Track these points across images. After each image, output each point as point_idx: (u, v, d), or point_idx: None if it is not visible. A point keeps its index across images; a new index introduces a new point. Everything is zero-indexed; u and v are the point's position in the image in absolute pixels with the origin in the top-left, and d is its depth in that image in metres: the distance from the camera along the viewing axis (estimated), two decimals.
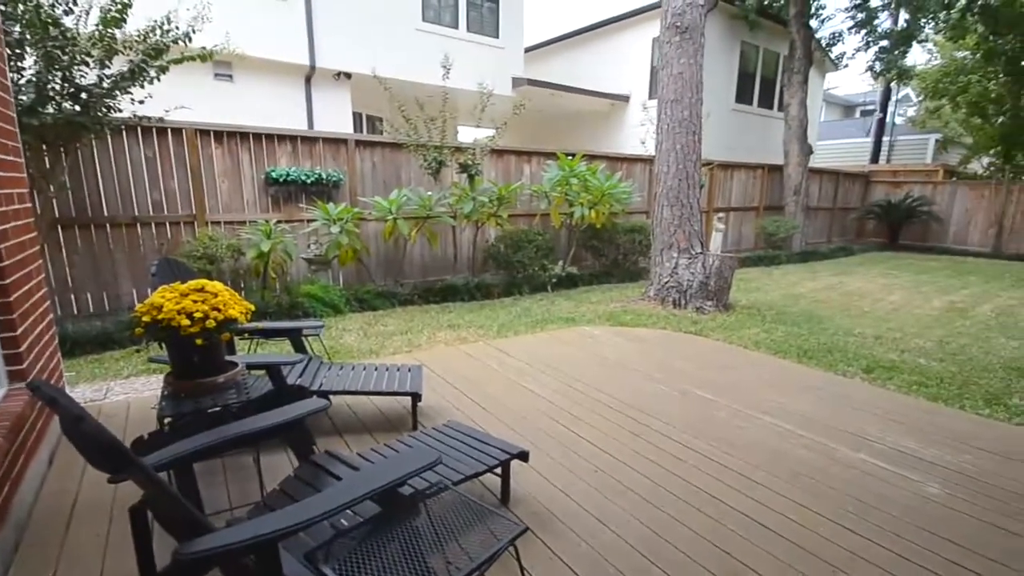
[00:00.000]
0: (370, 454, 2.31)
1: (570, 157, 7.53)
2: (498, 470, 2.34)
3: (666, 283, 6.41)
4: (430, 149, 6.80)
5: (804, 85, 11.58)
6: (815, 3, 11.68)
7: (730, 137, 12.73)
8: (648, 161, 8.76)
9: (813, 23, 11.74)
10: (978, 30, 13.75)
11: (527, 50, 15.20)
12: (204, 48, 5.32)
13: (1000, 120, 16.73)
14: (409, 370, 3.47)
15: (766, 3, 11.85)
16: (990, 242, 13.28)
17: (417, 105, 6.85)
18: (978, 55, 15.02)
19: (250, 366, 2.79)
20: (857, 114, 27.65)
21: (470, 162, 6.99)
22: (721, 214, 10.46)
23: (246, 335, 3.81)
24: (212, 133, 5.79)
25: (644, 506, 2.41)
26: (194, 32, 5.20)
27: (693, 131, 6.30)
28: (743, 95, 13.30)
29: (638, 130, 10.36)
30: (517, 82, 11.03)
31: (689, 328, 5.55)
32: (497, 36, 11.04)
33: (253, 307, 2.40)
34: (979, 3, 11.91)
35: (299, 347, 3.49)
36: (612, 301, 6.85)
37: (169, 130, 5.50)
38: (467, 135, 7.64)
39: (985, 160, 16.02)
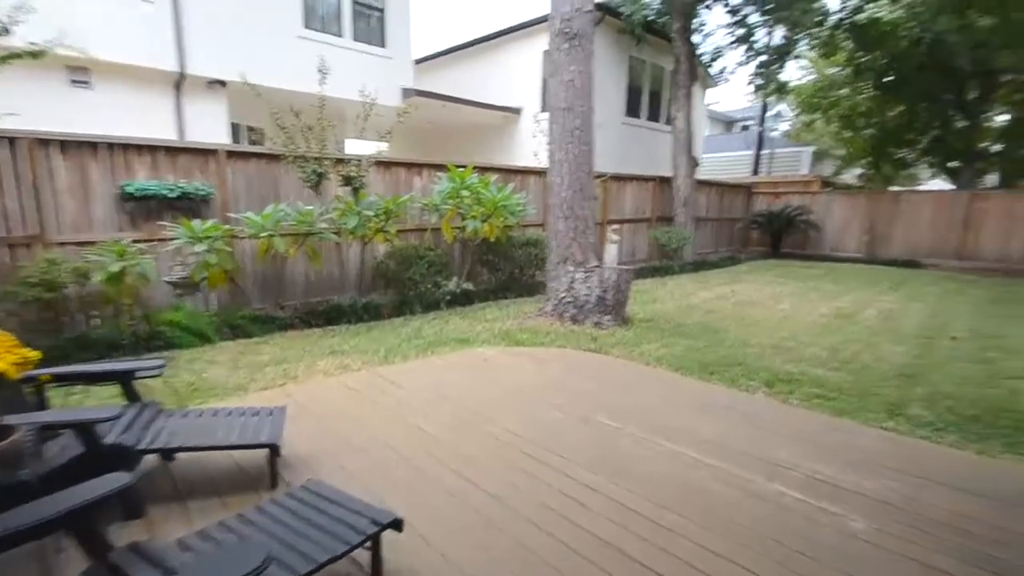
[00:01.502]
0: (194, 541, 1.72)
1: (461, 169, 7.00)
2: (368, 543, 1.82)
3: (563, 298, 6.00)
4: (309, 161, 6.03)
5: (689, 99, 11.98)
6: (697, 19, 12.17)
7: (621, 150, 12.93)
8: (542, 173, 8.45)
9: (696, 38, 12.24)
10: (847, 47, 15.19)
11: (419, 62, 14.69)
12: (34, 44, 4.37)
13: (869, 132, 18.58)
14: (270, 414, 2.81)
15: (650, 18, 12.18)
16: (864, 248, 14.48)
17: (293, 114, 6.03)
18: (848, 71, 16.61)
19: (48, 426, 2.21)
20: (737, 129, 29.89)
21: (354, 174, 6.25)
22: (615, 226, 10.37)
23: (63, 382, 2.84)
24: (55, 143, 4.92)
25: (543, 571, 1.94)
26: (12, 26, 4.20)
27: (586, 141, 6.01)
28: (632, 109, 13.61)
29: (531, 142, 10.12)
30: (407, 93, 10.43)
31: (588, 345, 5.15)
32: (384, 46, 10.39)
33: (37, 354, 2.08)
34: (848, 21, 13.06)
35: (131, 393, 2.73)
36: (509, 318, 6.34)
37: (6, 140, 4.65)
38: (360, 149, 6.94)
39: (857, 170, 17.56)
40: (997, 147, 16.85)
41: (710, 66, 14.08)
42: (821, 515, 2.30)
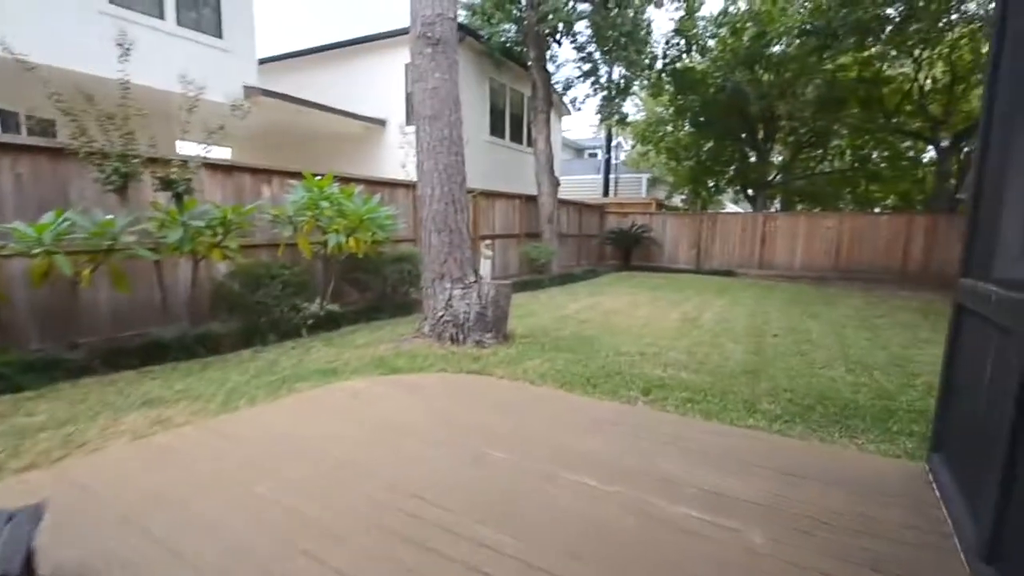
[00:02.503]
0: None
1: (319, 177, 6.32)
2: None
3: (441, 317, 5.70)
4: (110, 158, 4.86)
5: (548, 124, 12.66)
6: (549, 50, 12.92)
7: (488, 167, 13.17)
8: (412, 186, 8.09)
9: (550, 67, 12.97)
10: (670, 90, 17.43)
11: (272, 60, 13.38)
12: None
13: (689, 163, 21.47)
14: (10, 519, 1.81)
15: (508, 44, 12.67)
16: (693, 260, 16.59)
17: (84, 98, 4.85)
18: (671, 110, 19.17)
19: None
20: (586, 156, 32.80)
21: (176, 177, 5.22)
22: (488, 241, 10.49)
23: None
24: None
25: None
26: None
27: (456, 151, 5.82)
28: (496, 129, 14.00)
29: (398, 154, 9.72)
30: (250, 91, 9.29)
31: (471, 367, 4.90)
32: (220, 36, 9.15)
33: None
34: (670, 67, 14.90)
35: None
36: (382, 342, 5.83)
37: None
38: (202, 153, 5.83)
39: (682, 195, 20.25)
40: (779, 178, 20.72)
41: (564, 94, 15.06)
42: (725, 534, 2.31)
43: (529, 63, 12.54)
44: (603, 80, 13.63)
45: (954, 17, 13.30)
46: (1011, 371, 2.00)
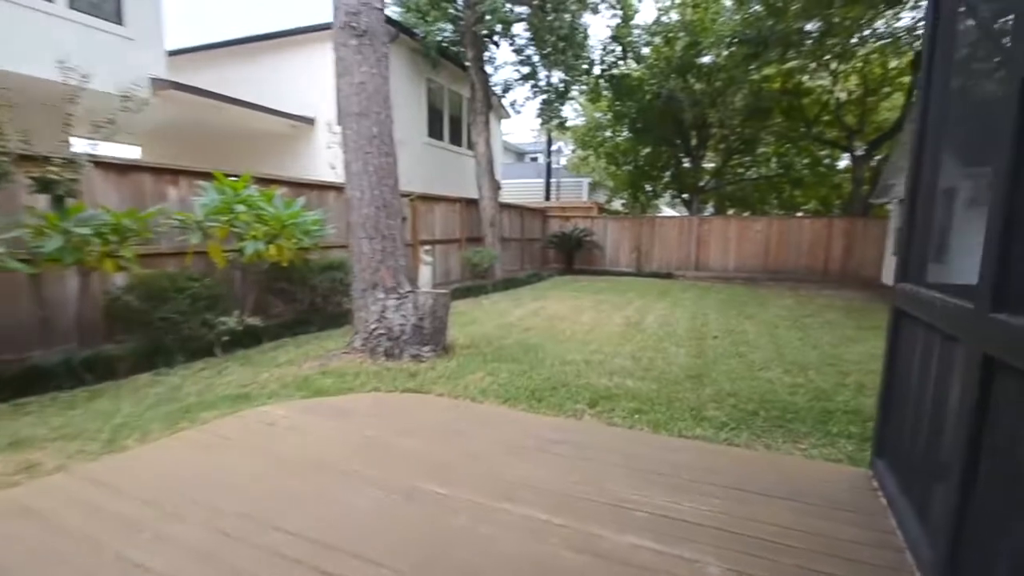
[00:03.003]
0: None
1: (234, 178, 5.73)
2: None
3: (374, 330, 5.28)
4: None
5: (487, 126, 12.42)
6: (487, 52, 12.71)
7: (427, 170, 12.78)
8: (343, 189, 7.58)
9: (488, 69, 12.75)
10: (608, 96, 17.67)
11: (189, 51, 12.35)
12: None
13: (627, 168, 21.89)
14: None
15: (444, 44, 12.35)
16: (634, 263, 16.85)
17: None
18: (609, 116, 19.47)
19: None
20: (527, 159, 32.92)
21: (55, 177, 4.52)
22: (427, 247, 10.09)
23: None
24: None
25: None
26: None
27: (386, 151, 5.44)
28: (435, 130, 13.61)
29: (327, 154, 9.16)
30: (159, 84, 8.43)
31: (407, 384, 4.53)
32: (121, 23, 8.25)
33: None
34: (607, 73, 15.06)
35: None
36: (308, 359, 5.33)
37: None
38: (109, 152, 5.08)
39: (623, 199, 20.60)
40: (712, 183, 21.55)
41: (503, 97, 14.88)
42: (679, 567, 2.11)
43: (467, 64, 12.27)
44: (542, 84, 13.57)
45: (866, 33, 14.30)
46: (956, 378, 1.93)
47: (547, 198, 20.80)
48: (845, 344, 6.51)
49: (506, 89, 14.07)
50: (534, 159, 30.92)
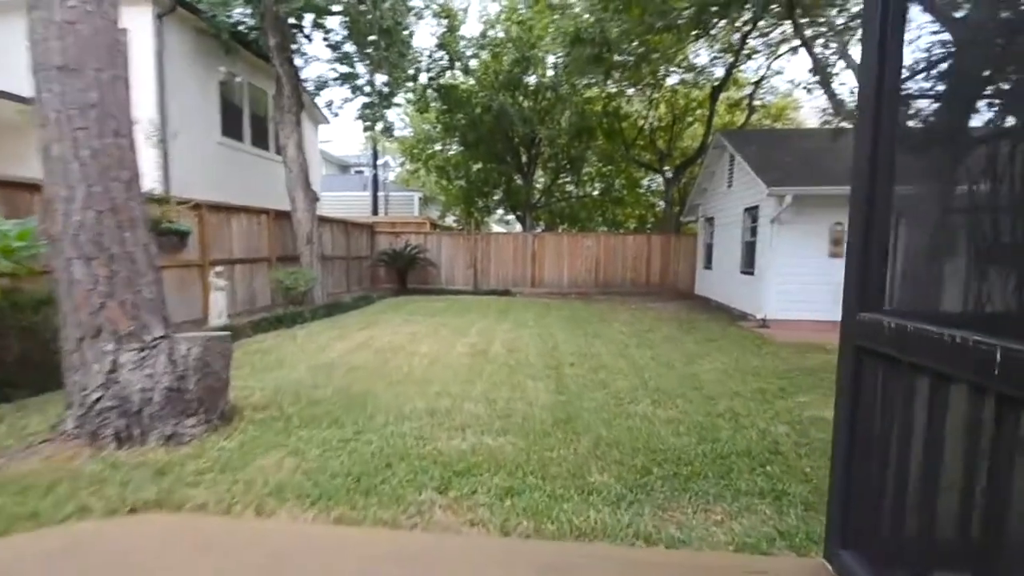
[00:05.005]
0: None
1: None
2: None
3: (97, 401, 3.37)
4: None
5: (298, 127, 10.54)
6: (296, 44, 10.87)
7: (222, 175, 10.41)
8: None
9: (298, 61, 10.90)
10: (437, 106, 16.79)
11: None
12: None
13: (460, 183, 21.27)
14: None
15: (241, 28, 10.21)
16: (471, 281, 16.13)
17: None
18: (438, 127, 18.61)
19: None
20: (353, 172, 30.48)
21: None
22: (219, 268, 7.88)
23: None
24: None
25: None
26: None
27: (116, 130, 3.60)
28: (232, 129, 11.19)
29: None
30: None
31: (145, 494, 2.79)
32: None
33: None
34: (435, 82, 14.13)
35: None
36: None
37: None
38: None
39: (455, 214, 19.84)
40: (542, 200, 22.16)
41: (316, 95, 13.00)
42: None
43: (271, 52, 10.24)
44: (364, 86, 12.10)
45: (672, 69, 15.86)
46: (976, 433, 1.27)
47: (375, 212, 19.07)
48: (694, 361, 6.39)
49: (320, 86, 12.25)
50: (360, 172, 28.69)
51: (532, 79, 17.43)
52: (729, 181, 11.90)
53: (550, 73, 16.81)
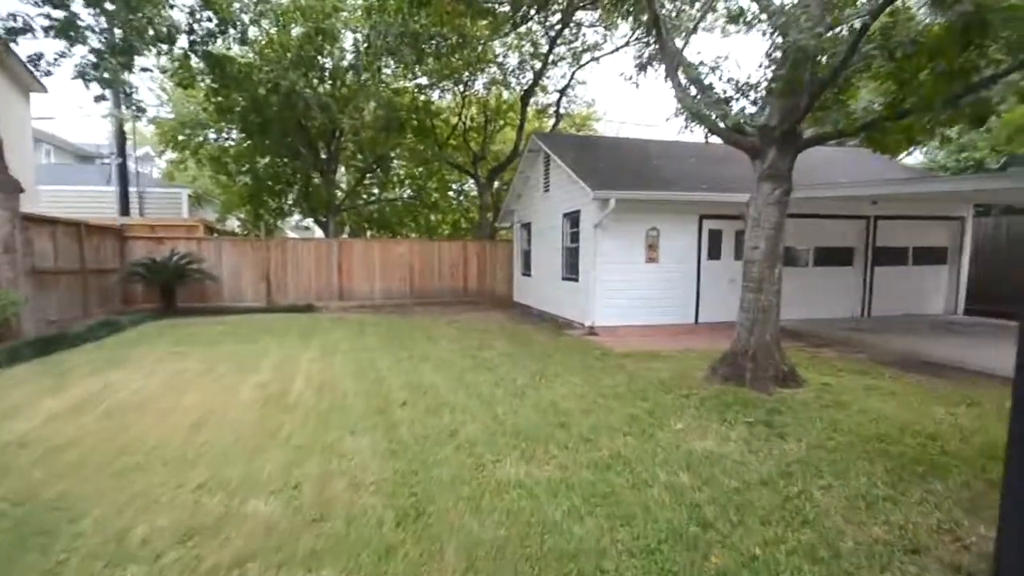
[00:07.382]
0: None
1: None
2: None
3: None
4: None
5: None
6: None
7: None
8: None
9: None
10: (207, 83, 13.41)
11: None
12: None
13: (244, 179, 17.73)
14: None
15: None
16: (263, 296, 13.41)
17: None
18: (211, 108, 14.96)
19: None
20: (98, 163, 23.62)
21: None
22: None
23: None
24: None
25: None
26: None
27: None
28: None
29: None
30: None
31: None
32: None
33: None
34: (201, 49, 11.13)
35: None
36: None
37: None
38: None
39: (240, 217, 16.38)
40: (347, 203, 19.94)
41: (12, 41, 9.12)
42: None
43: None
44: (84, 30, 8.81)
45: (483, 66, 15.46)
46: None
47: (125, 212, 14.63)
48: (541, 386, 5.65)
49: (15, 31, 8.59)
50: (106, 163, 22.27)
51: (328, 62, 15.19)
52: (546, 185, 11.85)
53: (349, 57, 14.88)
